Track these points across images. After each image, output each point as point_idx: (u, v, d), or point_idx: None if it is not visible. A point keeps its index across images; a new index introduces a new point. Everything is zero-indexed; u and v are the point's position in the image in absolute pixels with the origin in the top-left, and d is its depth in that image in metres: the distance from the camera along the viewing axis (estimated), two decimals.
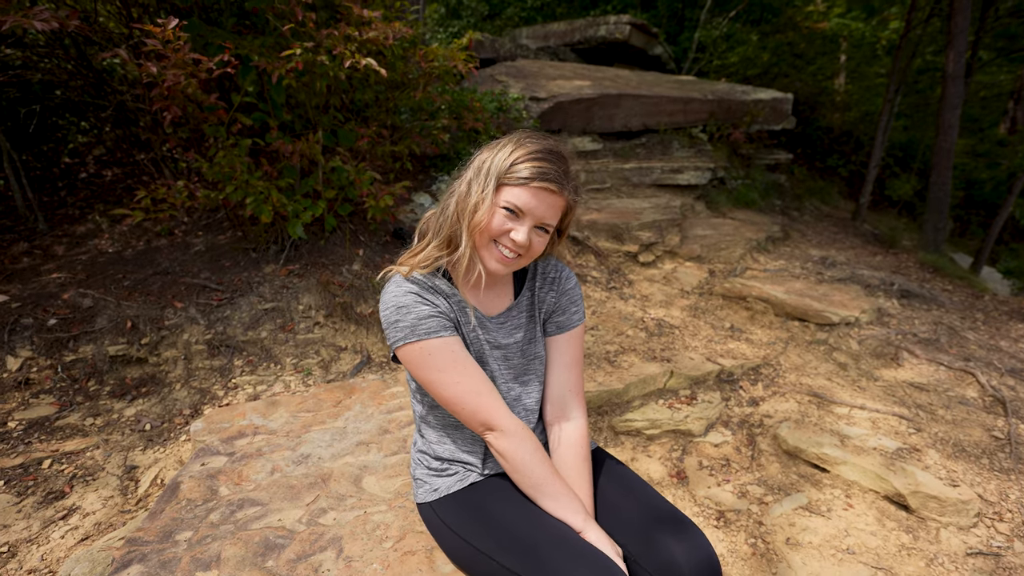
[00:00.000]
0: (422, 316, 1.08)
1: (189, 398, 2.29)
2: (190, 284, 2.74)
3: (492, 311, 1.22)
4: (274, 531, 1.48)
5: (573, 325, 1.27)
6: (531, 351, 1.25)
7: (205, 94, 2.33)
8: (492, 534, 1.10)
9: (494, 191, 1.06)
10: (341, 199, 3.12)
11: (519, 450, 1.11)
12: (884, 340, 3.29)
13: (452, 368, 1.09)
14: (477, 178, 1.08)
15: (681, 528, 1.08)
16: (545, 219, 1.07)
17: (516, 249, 1.08)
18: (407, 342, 1.08)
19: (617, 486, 1.22)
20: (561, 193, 1.07)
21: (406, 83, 3.32)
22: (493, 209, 1.06)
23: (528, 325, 1.24)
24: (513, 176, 1.05)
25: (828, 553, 1.96)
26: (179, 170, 3.54)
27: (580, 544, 1.04)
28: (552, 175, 1.05)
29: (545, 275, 1.27)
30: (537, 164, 1.04)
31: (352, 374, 2.51)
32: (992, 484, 2.18)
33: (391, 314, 1.09)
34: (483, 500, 1.17)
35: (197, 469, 1.76)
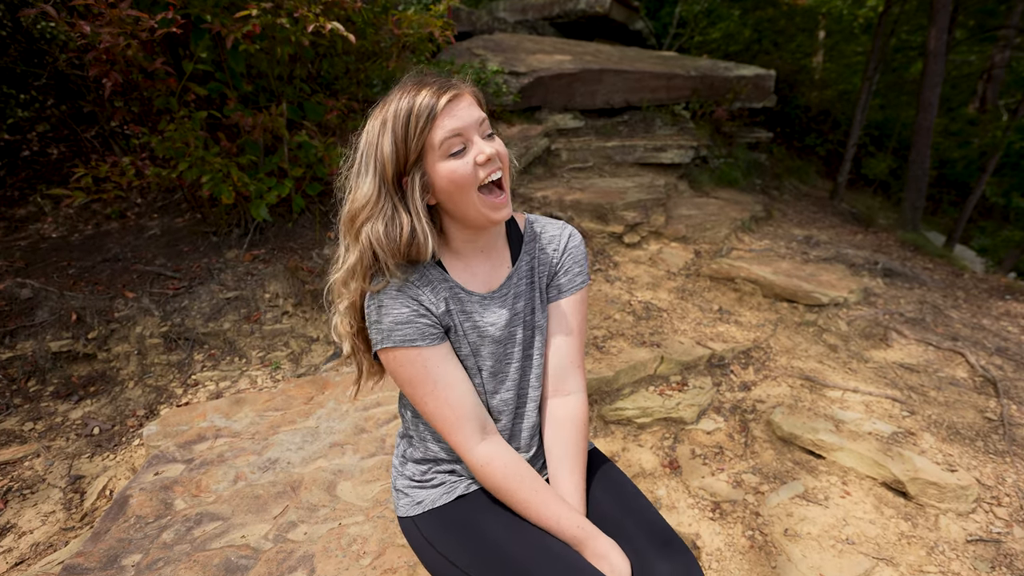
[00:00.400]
0: (399, 320, 0.96)
1: (144, 397, 2.09)
2: (143, 272, 2.50)
3: (494, 283, 1.07)
4: (236, 550, 1.32)
5: (575, 288, 1.12)
6: (534, 322, 1.11)
7: (150, 58, 2.08)
8: (480, 555, 0.99)
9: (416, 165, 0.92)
10: (309, 178, 2.89)
11: (490, 484, 1.01)
12: (872, 320, 3.24)
13: (422, 385, 0.98)
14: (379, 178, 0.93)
15: (670, 545, 0.99)
16: (477, 120, 0.93)
17: (495, 168, 0.94)
18: (383, 346, 0.97)
19: (614, 497, 1.11)
20: (464, 90, 0.94)
21: (378, 52, 3.08)
22: (443, 164, 0.92)
23: (529, 293, 1.10)
24: (419, 127, 0.89)
25: (828, 544, 1.89)
26: (130, 147, 3.25)
27: (572, 561, 0.94)
28: (440, 86, 0.91)
29: (544, 234, 1.13)
30: (422, 91, 0.90)
31: (324, 366, 2.33)
32: (988, 467, 2.15)
33: (372, 312, 0.97)
34: (470, 515, 1.05)
35: (150, 480, 1.58)
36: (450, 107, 0.90)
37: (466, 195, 0.93)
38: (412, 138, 0.89)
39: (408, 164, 0.91)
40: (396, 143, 0.90)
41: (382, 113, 0.92)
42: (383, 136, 0.91)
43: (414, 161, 0.91)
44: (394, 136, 0.90)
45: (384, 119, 0.92)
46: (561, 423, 1.11)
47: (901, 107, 9.94)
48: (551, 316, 1.12)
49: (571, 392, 1.14)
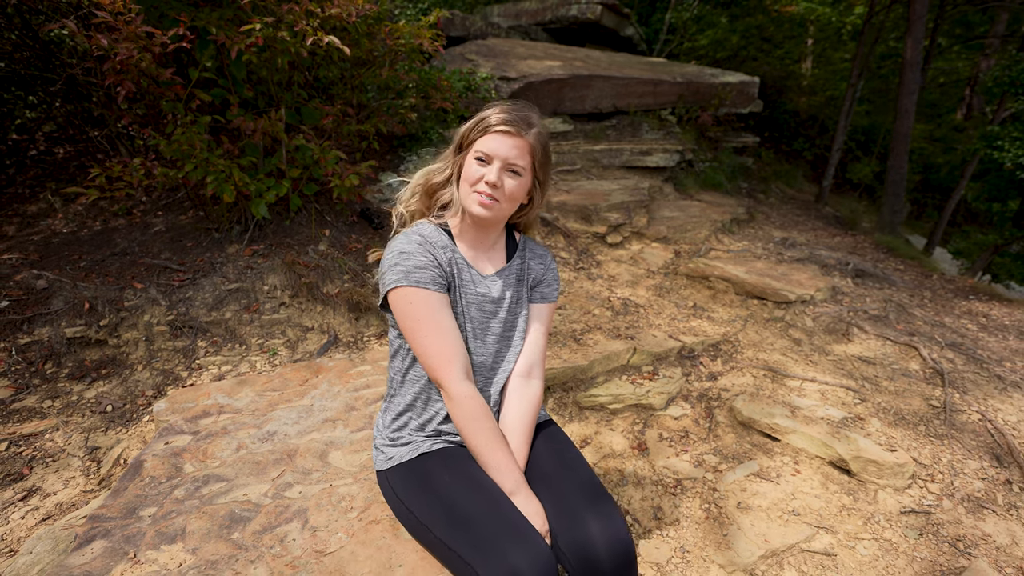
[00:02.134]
0: (419, 265, 1.20)
1: (152, 379, 2.27)
2: (150, 265, 2.68)
3: (486, 271, 1.35)
4: (239, 505, 1.50)
5: (552, 299, 1.44)
6: (517, 310, 1.38)
7: (160, 68, 2.26)
8: (430, 504, 1.16)
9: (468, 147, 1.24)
10: (306, 178, 3.08)
11: (459, 416, 1.21)
12: (836, 317, 3.44)
13: (427, 321, 1.19)
14: (455, 143, 1.29)
15: (602, 506, 1.15)
16: (510, 159, 1.21)
17: (491, 192, 1.20)
18: (399, 285, 1.19)
19: (554, 457, 1.30)
20: (520, 134, 1.21)
21: (372, 61, 3.27)
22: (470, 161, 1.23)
23: (516, 287, 1.38)
24: (480, 128, 1.22)
25: (775, 515, 2.08)
26: (136, 148, 3.43)
27: (512, 517, 1.09)
28: (510, 120, 1.20)
29: (534, 250, 1.44)
30: (499, 115, 1.21)
31: (319, 354, 2.52)
32: (927, 448, 2.34)
33: (393, 257, 1.21)
34: (429, 470, 1.22)
35: (161, 448, 1.76)
36: (498, 135, 1.21)
37: (465, 186, 1.24)
38: (471, 132, 1.25)
39: (464, 145, 1.27)
40: (468, 128, 1.26)
41: (481, 112, 1.27)
42: (471, 121, 1.26)
43: (467, 145, 1.26)
44: (471, 125, 1.25)
45: (479, 112, 1.27)
46: (523, 399, 1.33)
47: (886, 113, 10.17)
48: (532, 313, 1.41)
49: (535, 378, 1.37)
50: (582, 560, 1.08)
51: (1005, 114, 6.70)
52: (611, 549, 1.08)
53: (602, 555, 1.08)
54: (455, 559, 1.07)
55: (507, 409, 1.32)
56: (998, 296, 4.40)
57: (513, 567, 0.98)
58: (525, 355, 1.37)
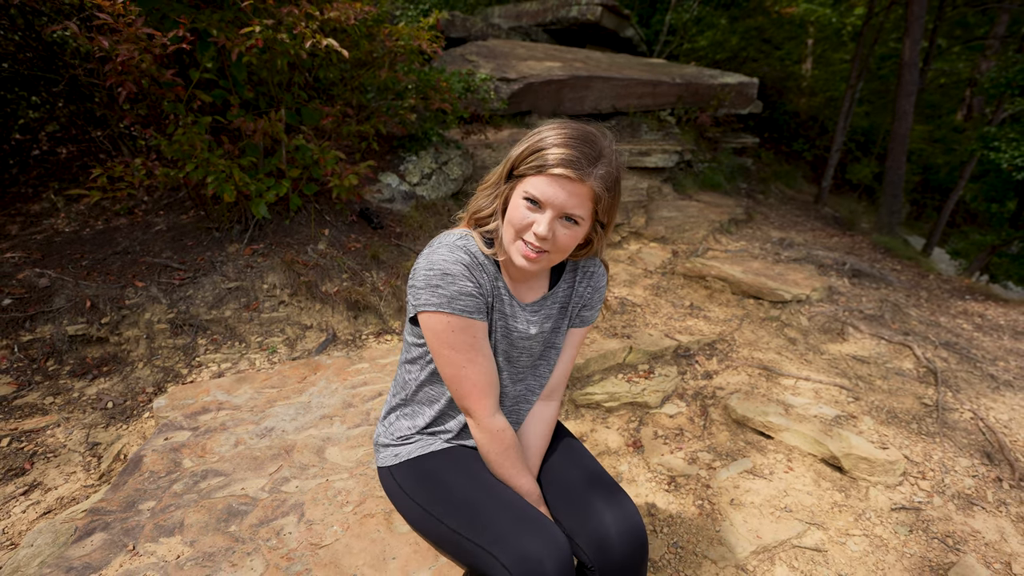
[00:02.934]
0: (464, 292, 1.07)
1: (152, 376, 2.30)
2: (151, 263, 2.71)
3: (527, 298, 1.21)
4: (237, 499, 1.53)
5: (591, 321, 1.31)
6: (552, 340, 1.27)
7: (161, 70, 2.29)
8: (442, 498, 1.16)
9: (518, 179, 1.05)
10: (306, 178, 3.11)
11: (489, 449, 1.18)
12: (832, 316, 3.46)
13: (466, 352, 1.10)
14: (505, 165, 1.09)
15: (614, 496, 1.17)
16: (567, 209, 1.01)
17: (539, 245, 1.03)
18: (440, 310, 1.07)
19: (562, 453, 1.32)
20: (582, 180, 1.00)
21: (371, 62, 3.30)
22: (518, 201, 1.04)
23: (558, 316, 1.25)
24: (532, 164, 1.01)
25: (767, 512, 2.10)
26: (137, 148, 3.46)
27: (525, 508, 1.11)
28: (571, 161, 0.99)
29: (585, 268, 1.26)
30: (558, 150, 0.99)
31: (317, 352, 2.55)
32: (918, 446, 2.36)
33: (435, 277, 1.06)
34: (438, 467, 1.23)
35: (160, 443, 1.79)
36: (559, 180, 1.00)
37: (509, 231, 1.07)
38: (525, 164, 1.03)
39: (516, 171, 1.06)
40: (520, 156, 1.05)
41: (540, 129, 1.07)
42: (521, 144, 1.06)
43: (517, 176, 1.06)
44: (523, 151, 1.04)
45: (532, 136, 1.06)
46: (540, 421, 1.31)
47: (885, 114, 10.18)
48: (568, 339, 1.30)
49: (554, 400, 1.34)
50: (598, 550, 1.10)
51: (1003, 115, 6.72)
52: (625, 537, 1.10)
53: (616, 544, 1.09)
54: (472, 548, 1.07)
55: (524, 428, 1.31)
56: (994, 296, 4.42)
57: (532, 553, 0.99)
58: (551, 380, 1.32)
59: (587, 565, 1.12)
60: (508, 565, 1.00)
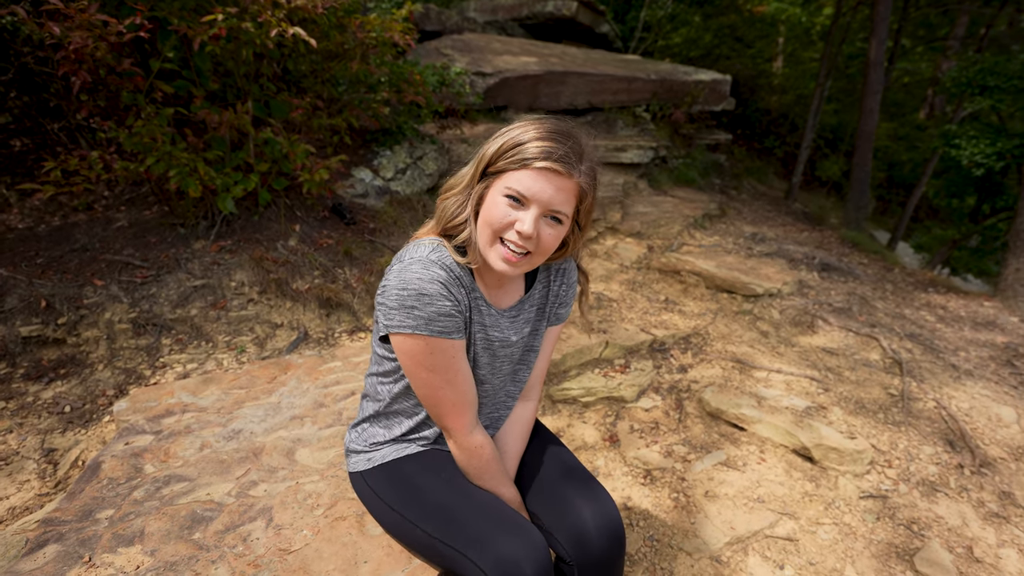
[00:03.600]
0: (443, 313, 0.99)
1: (113, 379, 2.21)
2: (112, 261, 2.60)
3: (504, 303, 1.17)
4: (202, 505, 1.48)
5: (565, 318, 1.28)
6: (532, 343, 1.24)
7: (119, 58, 2.19)
8: (417, 501, 1.14)
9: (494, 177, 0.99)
10: (275, 173, 3.02)
11: (468, 465, 1.15)
12: (802, 310, 3.53)
13: (444, 373, 1.05)
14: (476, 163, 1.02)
15: (591, 489, 1.17)
16: (553, 206, 0.97)
17: (523, 244, 0.98)
18: (416, 332, 0.99)
19: (538, 449, 1.32)
20: (570, 175, 0.96)
21: (342, 53, 3.22)
22: (497, 198, 0.97)
23: (537, 319, 1.22)
24: (514, 159, 0.95)
25: (741, 503, 2.13)
26: (97, 140, 3.31)
27: (502, 510, 1.09)
28: (559, 155, 0.94)
29: (558, 267, 1.22)
30: (542, 143, 0.94)
31: (288, 350, 2.48)
32: (885, 435, 2.43)
33: (409, 298, 0.97)
34: (412, 471, 1.20)
35: (120, 448, 1.71)
36: (544, 174, 0.95)
37: (487, 229, 1.00)
38: (503, 160, 0.97)
39: (491, 169, 1.00)
40: (497, 151, 0.98)
41: (514, 125, 1.01)
42: (496, 140, 1.00)
43: (493, 174, 1.00)
44: (500, 146, 0.98)
45: (507, 132, 1.00)
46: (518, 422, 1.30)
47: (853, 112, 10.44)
48: (545, 340, 1.28)
49: (531, 399, 1.33)
50: (576, 545, 1.10)
51: (963, 114, 6.95)
52: (603, 531, 1.10)
53: (595, 538, 1.09)
54: (449, 552, 1.05)
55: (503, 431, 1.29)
56: (955, 289, 4.57)
57: (509, 555, 0.98)
58: (528, 380, 1.30)
59: (565, 560, 1.12)
60: (486, 568, 0.98)
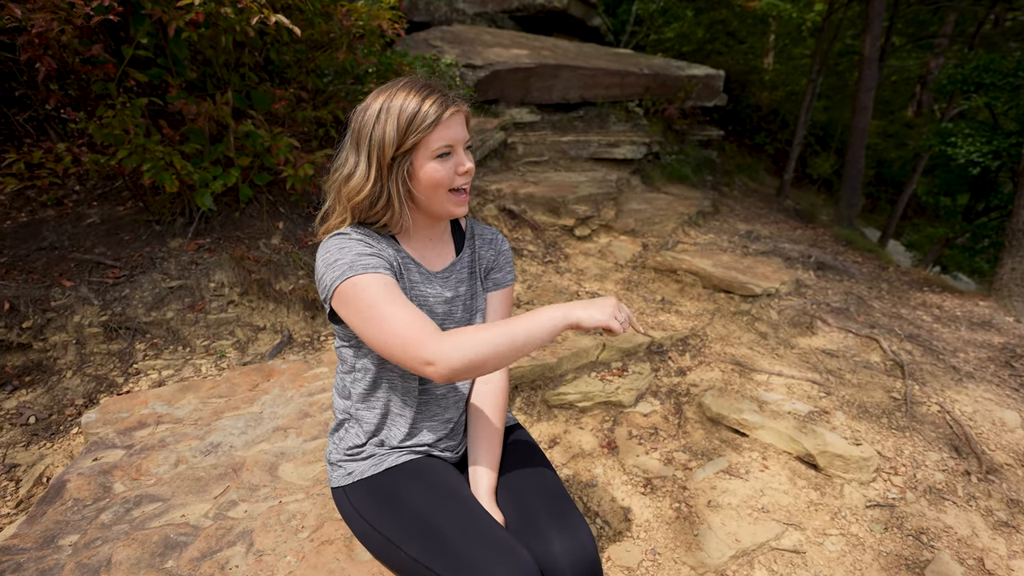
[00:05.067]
0: (363, 252, 1.03)
1: (83, 387, 2.07)
2: (82, 260, 2.45)
3: (436, 266, 1.22)
4: (176, 528, 1.36)
5: (508, 283, 1.33)
6: (474, 305, 1.27)
7: (87, 44, 2.04)
8: (400, 521, 1.06)
9: (410, 153, 1.04)
10: (257, 167, 2.88)
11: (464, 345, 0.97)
12: (801, 310, 3.48)
13: (386, 299, 0.98)
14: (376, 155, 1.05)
15: (567, 520, 1.09)
16: (466, 137, 1.11)
17: (466, 181, 1.10)
18: (344, 279, 1.00)
19: (520, 464, 1.25)
20: (462, 108, 1.09)
21: (328, 43, 3.08)
22: (428, 165, 1.05)
23: (470, 280, 1.27)
24: (423, 127, 1.03)
25: (745, 513, 2.06)
26: (68, 132, 3.14)
27: (494, 530, 1.02)
28: (449, 97, 1.07)
29: (483, 236, 1.32)
30: (432, 99, 1.04)
31: (271, 355, 2.36)
32: (890, 441, 2.37)
33: (331, 255, 1.03)
34: (395, 485, 1.13)
35: (88, 465, 1.59)
36: (450, 120, 1.05)
37: (439, 191, 1.08)
38: (412, 133, 1.02)
39: (401, 151, 1.04)
40: (399, 133, 1.02)
41: (383, 102, 1.04)
42: (385, 123, 1.02)
43: (406, 151, 1.04)
44: (397, 126, 1.02)
45: (386, 108, 1.03)
46: (486, 396, 1.27)
47: (843, 109, 10.46)
48: (490, 305, 1.30)
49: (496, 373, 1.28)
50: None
51: (954, 111, 6.95)
52: (576, 568, 1.04)
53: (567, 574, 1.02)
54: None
55: (471, 415, 1.26)
56: (950, 288, 4.56)
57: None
58: None
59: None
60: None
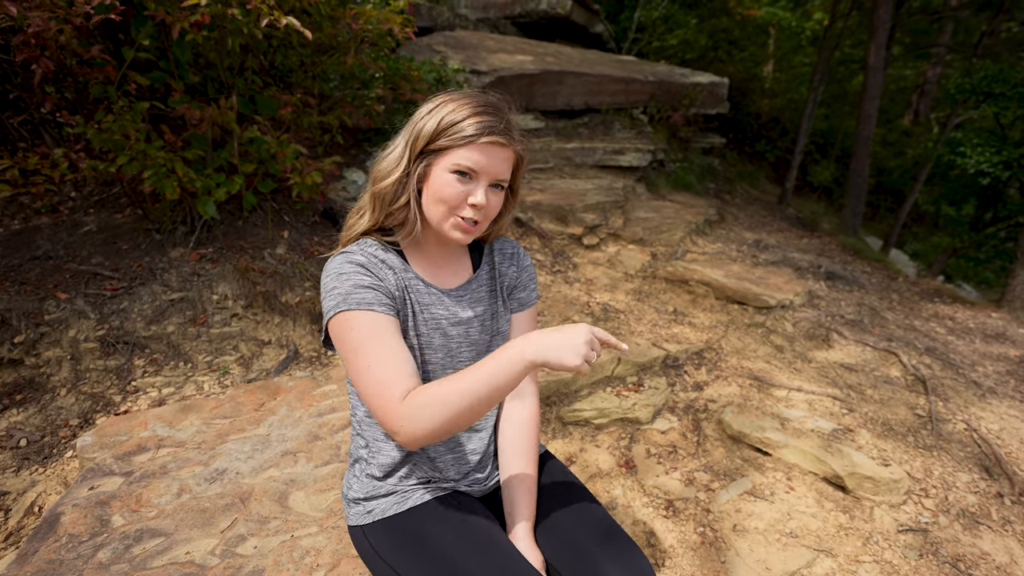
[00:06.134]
0: (360, 285, 0.97)
1: (78, 406, 1.96)
2: (77, 271, 2.35)
3: (450, 284, 1.13)
4: (180, 568, 1.26)
5: (532, 302, 1.24)
6: (493, 326, 1.17)
7: (86, 45, 1.94)
8: (428, 567, 0.98)
9: (435, 155, 0.99)
10: (261, 174, 2.79)
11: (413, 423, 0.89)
12: (816, 322, 3.41)
13: (369, 346, 0.94)
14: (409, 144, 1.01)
15: (625, 553, 1.01)
16: (499, 175, 1.00)
17: (475, 216, 1.01)
18: (337, 311, 0.96)
19: (562, 497, 1.15)
20: (511, 145, 1.00)
21: (335, 46, 3.00)
22: (444, 177, 0.98)
23: (490, 299, 1.18)
24: (455, 136, 0.96)
25: (773, 538, 1.97)
26: (64, 137, 3.04)
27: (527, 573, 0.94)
28: (499, 127, 0.98)
29: (503, 251, 1.22)
30: (479, 119, 0.97)
31: (277, 372, 2.26)
32: (918, 461, 2.29)
33: (330, 281, 0.99)
34: (420, 525, 1.04)
35: (84, 495, 1.48)
36: (489, 148, 0.97)
37: (440, 208, 1.00)
38: (445, 138, 0.97)
39: (430, 147, 0.99)
40: (436, 129, 0.97)
41: (443, 100, 1.00)
42: (430, 118, 0.99)
43: (433, 152, 0.99)
44: (438, 124, 0.97)
45: (441, 106, 0.99)
46: (518, 425, 1.17)
47: (843, 117, 10.48)
48: (513, 326, 1.20)
49: (525, 395, 1.20)
50: None
51: (956, 121, 6.95)
52: None
53: None
54: None
55: (502, 441, 1.18)
56: (960, 298, 4.51)
57: None
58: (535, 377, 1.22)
59: None
60: None
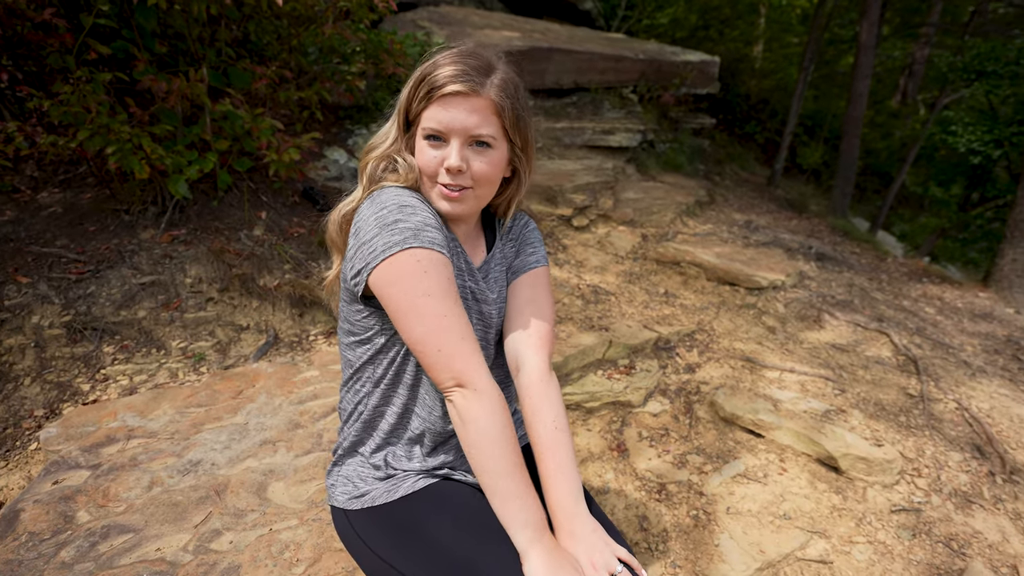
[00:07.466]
0: (429, 223, 0.87)
1: (43, 395, 1.86)
2: (40, 254, 2.22)
3: (476, 261, 1.05)
4: (150, 565, 1.18)
5: (528, 267, 1.09)
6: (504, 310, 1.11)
7: (37, 8, 1.80)
8: (425, 559, 0.89)
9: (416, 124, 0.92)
10: (237, 152, 2.66)
11: (489, 420, 0.85)
12: (806, 303, 3.38)
13: (444, 296, 0.84)
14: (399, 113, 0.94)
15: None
16: (472, 130, 0.88)
17: (454, 180, 0.90)
18: (406, 247, 0.83)
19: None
20: (477, 92, 0.87)
21: (312, 17, 2.85)
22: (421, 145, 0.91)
23: (502, 280, 1.11)
24: (422, 95, 0.88)
25: (766, 520, 1.95)
26: (26, 112, 2.87)
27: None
28: (461, 72, 0.86)
29: (510, 228, 1.13)
30: (444, 70, 0.87)
31: (255, 357, 2.16)
32: (910, 441, 2.28)
33: (390, 213, 0.85)
34: (417, 512, 0.94)
35: (47, 490, 1.39)
36: (452, 100, 0.87)
37: (424, 179, 0.93)
38: (416, 101, 0.90)
39: (411, 119, 0.93)
40: (409, 96, 0.91)
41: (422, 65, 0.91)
42: (408, 84, 0.91)
43: (413, 119, 0.92)
44: (410, 89, 0.91)
45: (418, 69, 0.91)
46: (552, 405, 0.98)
47: (832, 98, 10.42)
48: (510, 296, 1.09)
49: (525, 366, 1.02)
50: None
51: (945, 100, 6.93)
52: None
53: None
54: None
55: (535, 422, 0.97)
56: (948, 279, 4.52)
57: None
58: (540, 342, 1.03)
59: None
60: None
